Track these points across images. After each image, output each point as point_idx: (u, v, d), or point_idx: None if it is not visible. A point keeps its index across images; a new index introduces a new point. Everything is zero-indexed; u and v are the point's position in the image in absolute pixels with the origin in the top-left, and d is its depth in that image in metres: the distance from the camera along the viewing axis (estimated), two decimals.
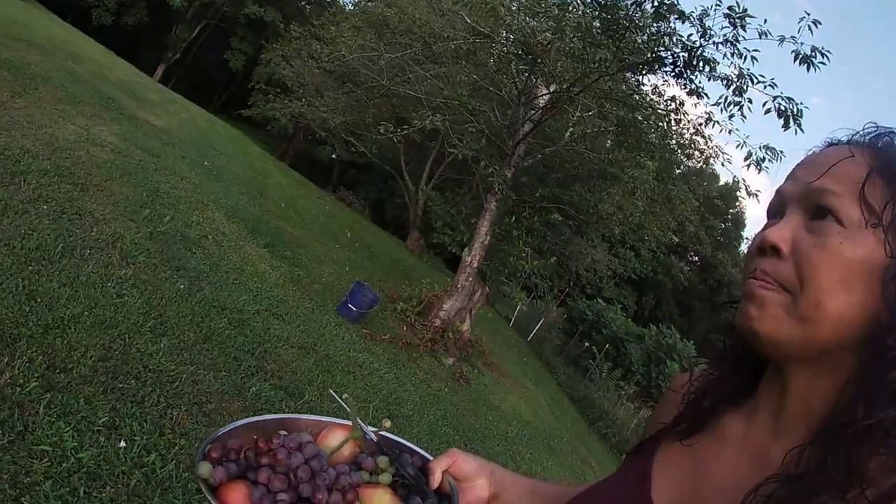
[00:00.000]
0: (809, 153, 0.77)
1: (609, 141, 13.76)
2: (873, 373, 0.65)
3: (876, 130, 0.74)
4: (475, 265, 11.77)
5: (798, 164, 0.77)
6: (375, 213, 31.11)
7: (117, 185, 7.18)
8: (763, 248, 0.72)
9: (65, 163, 6.71)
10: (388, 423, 1.06)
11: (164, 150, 10.57)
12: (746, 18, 8.15)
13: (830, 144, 0.76)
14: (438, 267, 24.15)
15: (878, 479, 0.62)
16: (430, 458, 1.02)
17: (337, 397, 1.10)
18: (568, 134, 12.69)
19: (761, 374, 0.79)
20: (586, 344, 20.77)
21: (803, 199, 0.72)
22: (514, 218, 12.98)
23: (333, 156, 28.73)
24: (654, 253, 18.99)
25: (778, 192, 0.77)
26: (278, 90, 31.75)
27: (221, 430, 0.95)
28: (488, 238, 11.89)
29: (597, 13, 9.72)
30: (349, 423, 1.02)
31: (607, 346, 20.25)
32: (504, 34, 11.86)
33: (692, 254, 37.08)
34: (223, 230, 8.43)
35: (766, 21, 8.16)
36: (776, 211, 0.76)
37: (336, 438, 1.00)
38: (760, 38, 8.12)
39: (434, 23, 13.45)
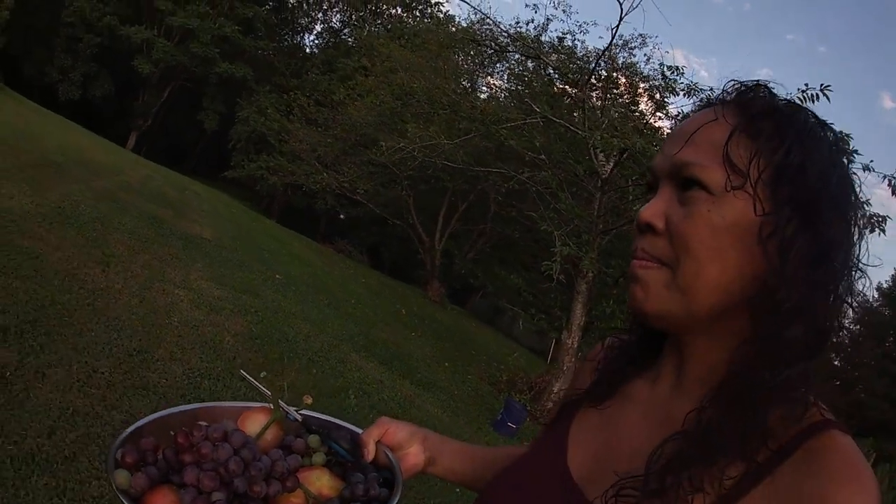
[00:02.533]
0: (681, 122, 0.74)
1: None
2: (770, 332, 0.64)
3: (739, 86, 0.71)
4: (575, 346, 11.58)
5: (668, 136, 0.74)
6: (372, 259, 29.49)
7: (251, 352, 5.70)
8: (640, 226, 0.71)
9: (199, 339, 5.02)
10: (309, 400, 0.96)
11: (252, 284, 8.86)
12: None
13: (702, 108, 0.74)
14: (482, 327, 22.95)
15: (780, 431, 0.62)
16: (359, 431, 0.96)
17: (251, 378, 0.97)
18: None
19: (664, 338, 0.78)
20: None
21: (672, 174, 0.70)
22: (612, 301, 12.13)
23: (340, 215, 27.29)
24: None
25: (650, 168, 0.74)
26: (258, 147, 30.02)
27: (128, 428, 0.82)
28: (584, 318, 11.78)
29: None
30: (266, 405, 0.93)
31: None
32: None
33: None
34: (354, 362, 7.44)
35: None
36: (651, 187, 0.74)
37: (256, 423, 0.90)
38: None
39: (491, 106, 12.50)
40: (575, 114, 12.19)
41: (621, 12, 10.76)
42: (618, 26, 11.22)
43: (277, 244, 15.73)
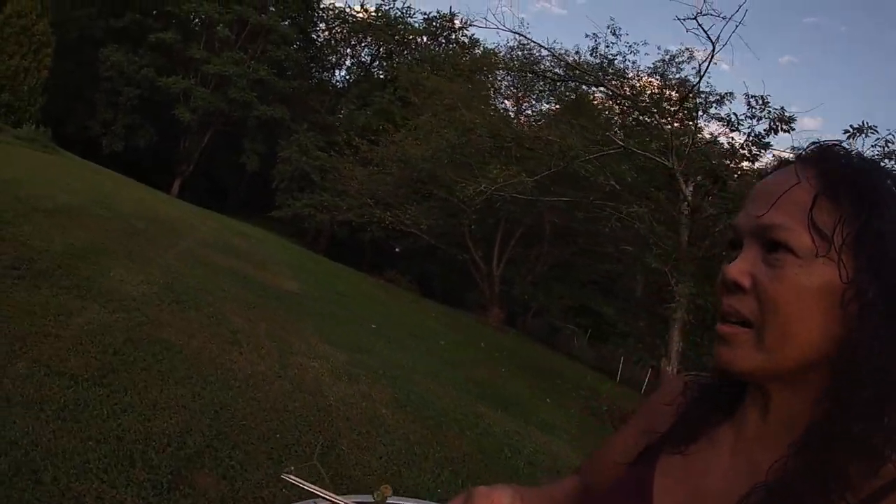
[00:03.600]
0: (761, 181, 0.76)
1: None
2: (849, 389, 0.65)
3: (819, 146, 0.73)
4: (674, 370, 11.76)
5: (750, 197, 0.75)
6: (422, 287, 29.13)
7: (411, 424, 5.11)
8: (726, 284, 0.71)
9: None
10: (389, 491, 0.95)
11: (359, 339, 8.47)
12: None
13: (779, 165, 0.76)
14: (548, 352, 22.27)
15: (858, 485, 0.63)
16: None
17: (303, 483, 0.89)
18: None
19: (746, 384, 0.77)
20: None
21: (757, 233, 0.71)
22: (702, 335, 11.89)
23: (396, 248, 26.99)
24: None
25: (733, 225, 0.76)
26: (301, 185, 29.90)
27: None
28: (680, 344, 11.88)
29: None
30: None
31: None
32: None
33: None
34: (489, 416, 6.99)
35: None
36: (735, 244, 0.75)
37: None
38: None
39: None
40: (653, 143, 11.89)
41: (713, 49, 10.42)
42: (709, 63, 10.94)
43: (348, 286, 15.40)
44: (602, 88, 13.39)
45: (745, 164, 12.07)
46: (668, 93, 13.15)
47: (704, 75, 11.46)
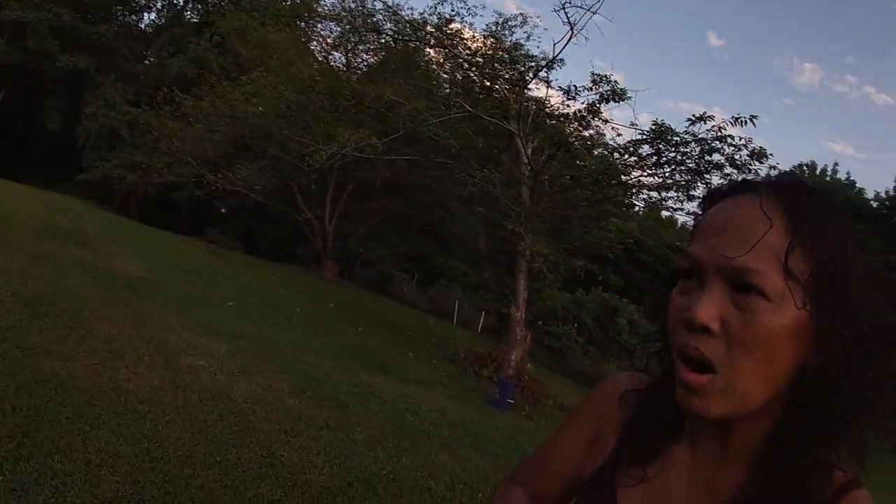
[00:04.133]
0: (719, 208, 0.75)
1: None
2: (810, 414, 0.69)
3: (780, 180, 0.74)
4: (522, 316, 12.41)
5: (710, 226, 0.74)
6: (248, 245, 28.04)
7: (322, 410, 5.29)
8: (693, 326, 0.70)
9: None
10: None
11: (228, 322, 8.21)
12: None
13: (734, 189, 0.76)
14: (393, 304, 22.57)
15: (816, 494, 0.70)
16: None
17: None
18: None
19: None
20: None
21: (725, 273, 0.70)
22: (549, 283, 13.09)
23: (222, 209, 25.30)
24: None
25: (691, 255, 0.73)
26: (110, 143, 27.04)
27: None
28: (526, 292, 12.52)
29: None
30: None
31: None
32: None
33: None
34: (377, 384, 6.91)
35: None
36: (690, 273, 0.74)
37: None
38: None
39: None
40: (488, 103, 12.37)
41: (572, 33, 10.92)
42: (564, 46, 11.51)
43: (188, 259, 14.56)
44: (439, 48, 13.53)
45: (588, 132, 12.88)
46: (501, 54, 13.58)
47: (557, 57, 11.99)
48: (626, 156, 11.54)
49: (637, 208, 16.97)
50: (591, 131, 12.79)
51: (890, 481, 4.24)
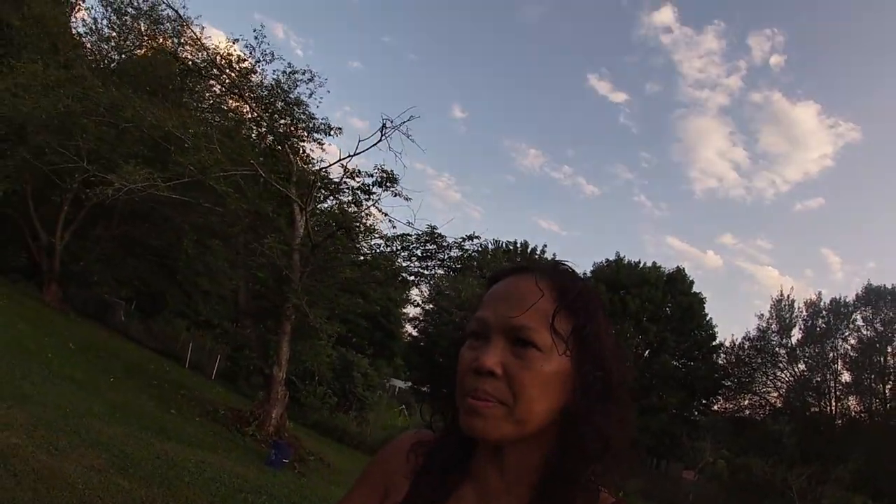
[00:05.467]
0: (503, 283, 0.92)
1: None
2: (573, 443, 0.86)
3: (553, 266, 0.93)
4: (283, 376, 13.00)
5: (495, 295, 0.90)
6: None
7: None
8: (480, 371, 0.84)
9: None
10: None
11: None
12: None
13: (514, 270, 0.93)
14: (118, 339, 21.14)
15: None
16: None
17: None
18: None
19: (473, 440, 0.91)
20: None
21: (507, 330, 0.86)
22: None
23: None
24: None
25: (480, 319, 0.89)
26: None
27: None
28: (288, 354, 13.09)
29: None
30: None
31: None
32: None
33: None
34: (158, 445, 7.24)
35: None
36: (479, 334, 0.88)
37: None
38: None
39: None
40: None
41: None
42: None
43: None
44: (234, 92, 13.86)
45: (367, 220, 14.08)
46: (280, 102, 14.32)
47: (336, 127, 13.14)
48: (400, 248, 13.14)
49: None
50: (370, 220, 13.99)
51: None
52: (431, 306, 32.49)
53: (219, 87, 15.89)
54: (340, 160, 13.15)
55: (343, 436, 18.63)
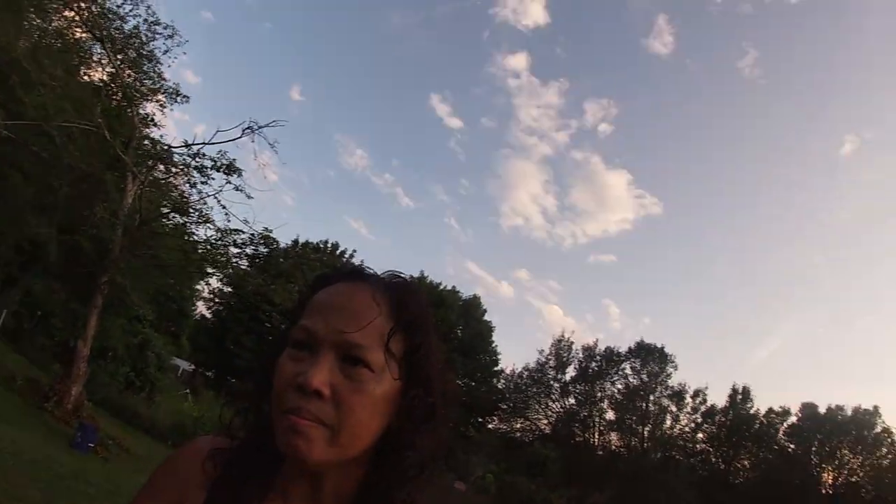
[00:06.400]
0: (335, 290, 0.85)
1: None
2: (393, 464, 0.83)
3: (394, 280, 0.89)
4: (87, 352, 12.42)
5: (327, 304, 0.84)
6: None
7: None
8: (304, 390, 0.77)
9: None
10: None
11: None
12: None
13: (346, 276, 0.88)
14: None
15: None
16: None
17: None
18: None
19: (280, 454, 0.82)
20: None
21: (338, 346, 0.80)
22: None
23: None
24: None
25: (307, 329, 0.82)
26: None
27: None
28: (96, 329, 12.72)
29: None
30: None
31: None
32: None
33: None
34: None
35: None
36: (305, 345, 0.82)
37: None
38: None
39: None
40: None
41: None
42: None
43: None
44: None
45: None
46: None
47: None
48: (231, 244, 13.22)
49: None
50: (208, 210, 13.72)
51: None
52: (228, 289, 31.55)
53: (72, 12, 14.39)
54: (192, 144, 12.77)
55: (133, 417, 17.58)
